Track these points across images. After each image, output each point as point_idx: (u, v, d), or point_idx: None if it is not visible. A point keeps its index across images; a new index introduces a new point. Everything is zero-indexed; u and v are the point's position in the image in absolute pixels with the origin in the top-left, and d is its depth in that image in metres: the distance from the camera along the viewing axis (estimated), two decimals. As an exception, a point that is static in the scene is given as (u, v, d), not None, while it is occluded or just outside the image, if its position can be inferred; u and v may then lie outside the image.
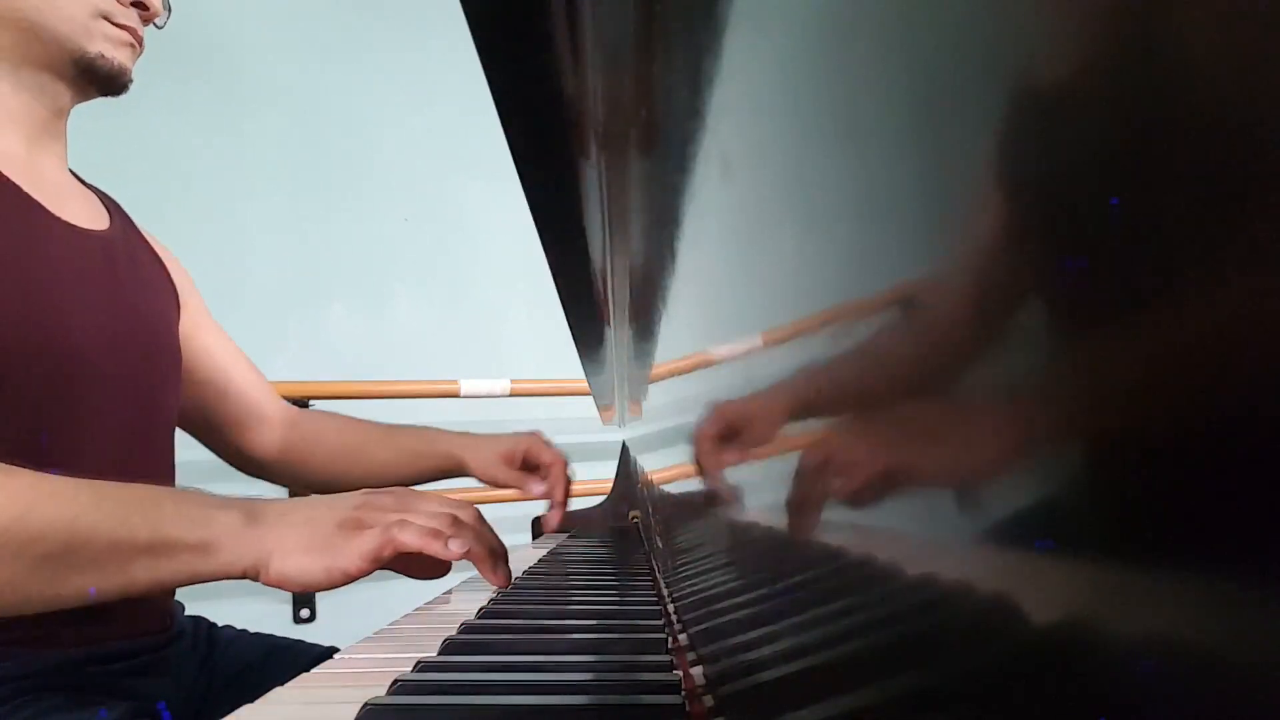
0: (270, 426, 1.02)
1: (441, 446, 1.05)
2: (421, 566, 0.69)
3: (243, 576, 0.61)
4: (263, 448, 1.01)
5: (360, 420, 1.09)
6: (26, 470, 0.56)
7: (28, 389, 0.68)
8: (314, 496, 0.70)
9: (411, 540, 0.64)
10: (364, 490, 0.69)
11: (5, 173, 0.72)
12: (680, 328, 0.46)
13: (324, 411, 1.14)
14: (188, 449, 0.95)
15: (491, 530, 0.72)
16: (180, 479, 0.84)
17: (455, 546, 0.66)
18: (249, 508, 0.63)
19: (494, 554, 0.71)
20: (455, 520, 0.67)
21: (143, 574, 0.58)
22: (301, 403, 1.85)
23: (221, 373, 0.97)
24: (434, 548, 0.65)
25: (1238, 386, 0.06)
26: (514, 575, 0.80)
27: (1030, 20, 0.09)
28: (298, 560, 0.61)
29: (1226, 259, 0.06)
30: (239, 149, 1.93)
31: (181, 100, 1.80)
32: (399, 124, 2.05)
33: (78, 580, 0.57)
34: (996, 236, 0.11)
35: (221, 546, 0.60)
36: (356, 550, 0.62)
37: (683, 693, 0.40)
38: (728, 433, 0.24)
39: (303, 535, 0.62)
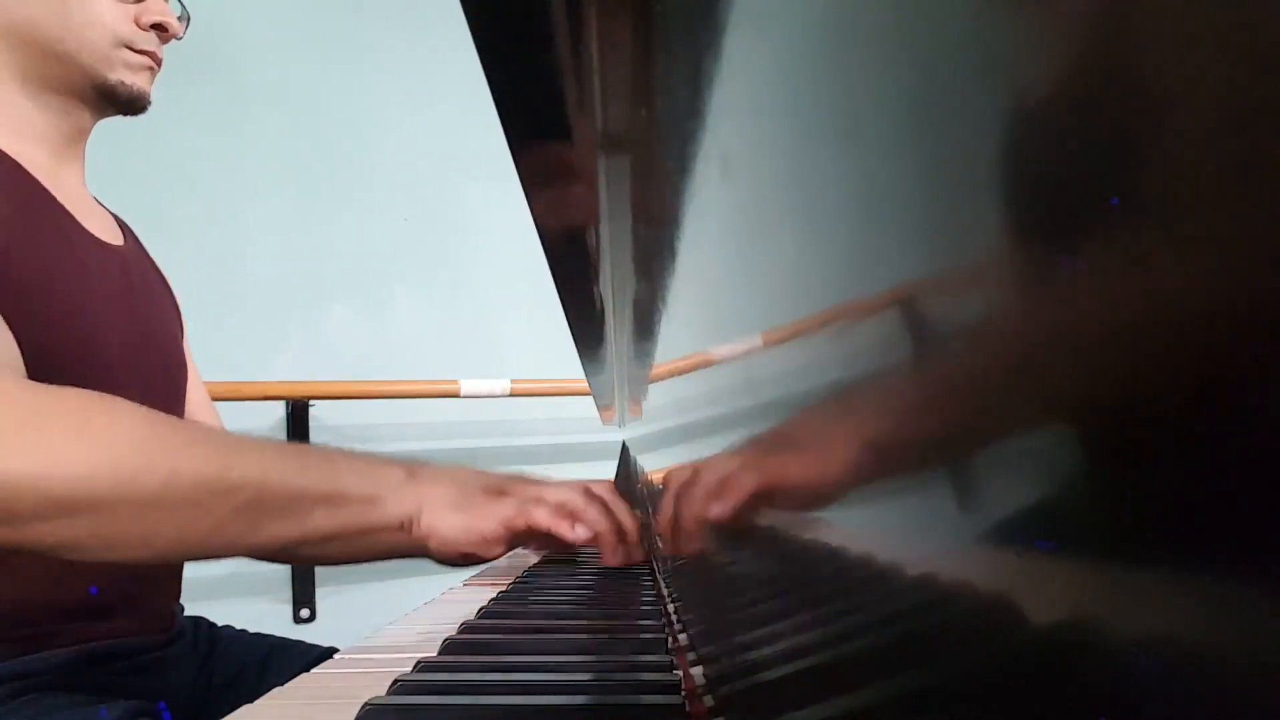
0: None
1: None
2: (550, 542, 0.76)
3: (398, 528, 0.66)
4: None
5: None
6: (218, 429, 0.61)
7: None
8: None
9: (543, 518, 0.70)
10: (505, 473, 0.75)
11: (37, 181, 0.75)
12: (680, 328, 0.46)
13: None
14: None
15: (625, 509, 0.77)
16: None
17: (581, 532, 0.73)
18: (408, 465, 0.69)
19: (618, 534, 0.76)
20: (588, 498, 0.73)
21: (321, 522, 0.63)
22: (302, 403, 1.86)
23: (190, 415, 0.97)
24: (562, 527, 0.71)
25: (1239, 386, 0.06)
26: (514, 575, 0.80)
27: (1031, 20, 0.09)
28: (445, 515, 0.67)
29: (1230, 258, 0.06)
30: (240, 150, 1.93)
31: (182, 101, 1.79)
32: (399, 124, 2.04)
33: (270, 528, 0.61)
34: (998, 236, 0.11)
35: (386, 499, 0.65)
36: (496, 515, 0.69)
37: (683, 693, 0.40)
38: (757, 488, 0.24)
39: (452, 493, 0.68)
